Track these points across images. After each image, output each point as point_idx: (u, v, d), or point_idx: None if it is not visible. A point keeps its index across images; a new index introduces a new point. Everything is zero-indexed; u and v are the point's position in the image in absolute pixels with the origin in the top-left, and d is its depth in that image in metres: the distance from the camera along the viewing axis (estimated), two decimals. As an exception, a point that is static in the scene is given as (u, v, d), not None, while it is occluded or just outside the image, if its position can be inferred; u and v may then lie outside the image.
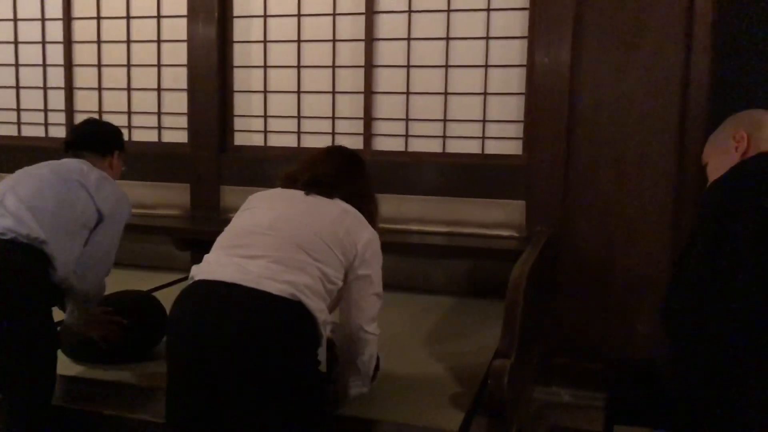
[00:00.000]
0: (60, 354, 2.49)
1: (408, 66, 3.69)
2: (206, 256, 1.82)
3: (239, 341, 1.59)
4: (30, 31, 4.33)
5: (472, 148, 3.64)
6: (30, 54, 4.34)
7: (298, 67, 3.89)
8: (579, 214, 3.40)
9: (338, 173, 1.99)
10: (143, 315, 2.57)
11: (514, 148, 3.58)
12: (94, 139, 2.47)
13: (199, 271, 1.75)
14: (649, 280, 3.31)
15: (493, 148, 3.61)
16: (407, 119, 3.73)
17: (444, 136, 3.67)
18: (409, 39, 3.67)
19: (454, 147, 3.66)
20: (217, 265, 1.73)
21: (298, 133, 3.95)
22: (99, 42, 4.20)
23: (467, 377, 2.39)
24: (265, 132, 4.01)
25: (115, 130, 2.60)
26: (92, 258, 2.21)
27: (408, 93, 3.71)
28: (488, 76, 3.58)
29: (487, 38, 3.56)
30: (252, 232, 1.80)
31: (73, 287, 2.20)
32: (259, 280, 1.64)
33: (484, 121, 3.61)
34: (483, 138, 3.61)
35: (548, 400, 3.35)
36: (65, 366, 2.44)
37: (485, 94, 3.59)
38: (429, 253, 3.57)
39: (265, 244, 1.74)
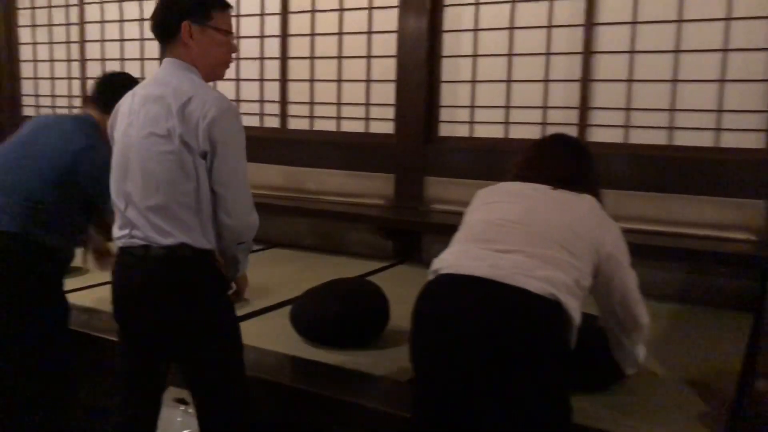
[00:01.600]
0: (289, 334, 2.60)
1: (632, 51, 3.42)
2: (450, 249, 1.76)
3: (495, 339, 1.50)
4: (250, 26, 4.58)
5: (705, 140, 3.30)
6: (249, 48, 4.59)
7: (510, 55, 3.76)
8: (835, 218, 2.97)
9: (576, 165, 1.90)
10: (367, 300, 2.60)
11: (755, 141, 3.20)
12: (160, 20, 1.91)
13: (445, 265, 1.68)
14: None
15: (729, 140, 3.25)
16: (628, 108, 3.46)
17: (671, 127, 3.37)
18: (634, 23, 3.41)
19: (683, 139, 3.35)
20: (466, 258, 1.66)
21: (506, 123, 3.82)
22: (312, 35, 4.34)
23: (711, 394, 2.15)
24: (471, 122, 3.93)
25: None
26: (225, 194, 1.82)
27: (630, 80, 3.44)
28: (727, 61, 3.22)
29: (728, 19, 3.20)
30: (501, 226, 1.71)
31: (224, 235, 1.87)
32: (513, 275, 1.55)
33: (719, 110, 3.26)
34: (718, 129, 3.27)
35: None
36: (292, 346, 2.54)
37: (722, 81, 3.24)
38: (650, 254, 3.27)
39: (518, 238, 1.65)
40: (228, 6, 1.94)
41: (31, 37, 5.66)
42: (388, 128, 4.15)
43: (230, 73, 4.61)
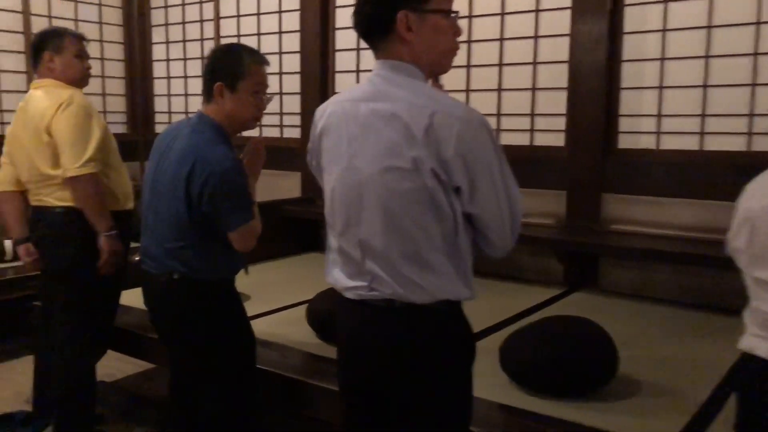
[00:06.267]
0: (501, 382, 2.31)
1: None
2: None
3: None
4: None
5: None
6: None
7: (706, 57, 3.35)
8: None
9: None
10: (597, 343, 2.27)
11: None
12: None
13: None
14: None
15: None
16: None
17: None
18: None
19: None
20: None
21: (701, 133, 3.41)
22: (469, 42, 4.04)
23: None
24: (658, 133, 3.53)
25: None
26: (488, 234, 1.52)
27: None
28: None
29: None
30: None
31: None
32: None
33: None
34: None
35: None
36: (509, 396, 2.24)
37: None
38: None
39: None
40: None
41: (165, 53, 5.62)
42: (557, 140, 3.80)
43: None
